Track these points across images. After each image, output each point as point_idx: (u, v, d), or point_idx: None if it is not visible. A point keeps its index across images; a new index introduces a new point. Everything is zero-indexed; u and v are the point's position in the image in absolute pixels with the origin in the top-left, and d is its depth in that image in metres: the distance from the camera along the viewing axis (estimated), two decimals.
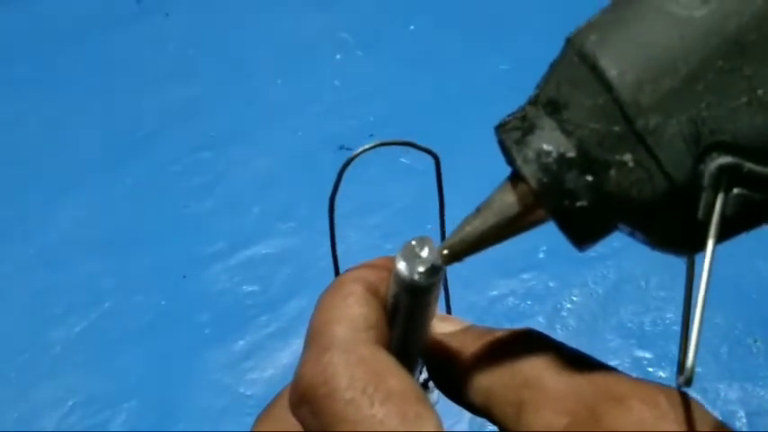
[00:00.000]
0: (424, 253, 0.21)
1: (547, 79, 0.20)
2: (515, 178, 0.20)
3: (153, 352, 0.54)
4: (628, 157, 0.18)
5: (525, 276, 0.55)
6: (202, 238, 0.60)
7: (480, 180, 0.24)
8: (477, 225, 0.21)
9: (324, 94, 0.68)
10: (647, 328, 0.52)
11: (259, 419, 0.23)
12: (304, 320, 0.23)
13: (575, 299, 0.54)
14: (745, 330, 0.52)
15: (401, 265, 0.21)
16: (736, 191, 0.18)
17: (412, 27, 0.72)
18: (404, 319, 0.22)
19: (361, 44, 0.71)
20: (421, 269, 0.21)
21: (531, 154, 0.19)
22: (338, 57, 0.70)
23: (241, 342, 0.54)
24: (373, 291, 0.22)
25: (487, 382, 0.20)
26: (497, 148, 0.23)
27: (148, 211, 0.62)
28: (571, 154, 0.19)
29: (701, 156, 0.18)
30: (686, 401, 0.18)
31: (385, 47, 0.70)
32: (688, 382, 0.17)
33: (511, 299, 0.54)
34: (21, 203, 0.63)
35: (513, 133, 0.20)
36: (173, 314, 0.56)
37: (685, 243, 0.19)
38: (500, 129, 0.21)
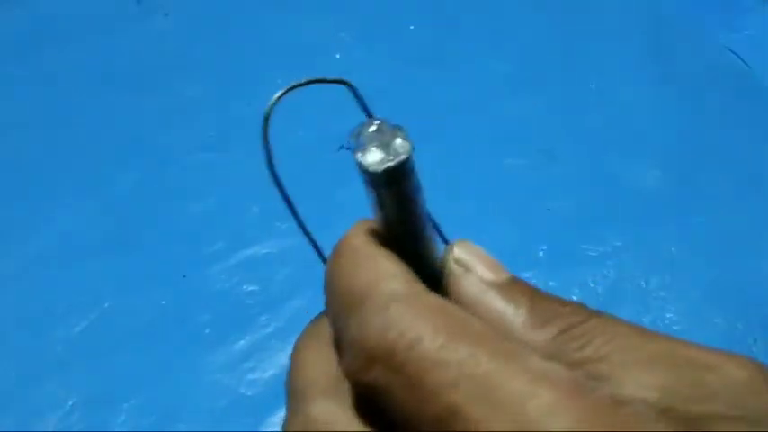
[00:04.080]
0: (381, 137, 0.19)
1: None
2: None
3: (153, 352, 0.54)
4: None
5: (525, 275, 0.54)
6: (202, 238, 0.60)
7: (481, 178, 0.24)
8: None
9: (324, 93, 0.68)
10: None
11: (298, 350, 0.20)
12: (304, 320, 0.23)
13: (575, 298, 0.54)
14: (745, 330, 0.52)
15: (368, 157, 0.18)
16: None
17: (412, 27, 0.72)
18: (402, 228, 0.20)
19: (361, 44, 0.71)
20: (388, 155, 0.18)
21: None
22: (338, 56, 0.70)
23: (241, 342, 0.54)
24: (384, 245, 0.20)
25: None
26: (497, 145, 0.23)
27: (148, 211, 0.62)
28: None
29: None
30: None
31: (385, 47, 0.70)
32: None
33: None
34: (21, 203, 0.63)
35: None
36: (173, 314, 0.56)
37: None
38: None
